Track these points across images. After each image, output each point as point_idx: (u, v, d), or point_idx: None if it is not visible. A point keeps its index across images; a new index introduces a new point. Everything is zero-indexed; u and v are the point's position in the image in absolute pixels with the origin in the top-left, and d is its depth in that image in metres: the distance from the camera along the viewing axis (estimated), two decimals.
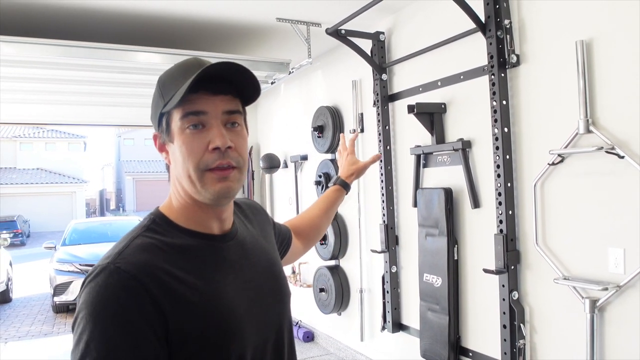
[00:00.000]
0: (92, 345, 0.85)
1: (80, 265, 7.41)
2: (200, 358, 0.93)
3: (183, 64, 1.03)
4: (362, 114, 4.18)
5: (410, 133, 3.56)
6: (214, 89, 0.98)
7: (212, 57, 3.56)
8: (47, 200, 25.99)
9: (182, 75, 0.98)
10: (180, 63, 1.04)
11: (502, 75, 2.73)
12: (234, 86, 1.01)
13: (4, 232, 13.27)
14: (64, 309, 7.67)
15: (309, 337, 5.25)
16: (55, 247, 8.47)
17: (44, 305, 8.35)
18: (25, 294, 9.33)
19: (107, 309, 0.87)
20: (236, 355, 0.97)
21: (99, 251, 7.72)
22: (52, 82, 3.82)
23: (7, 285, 8.62)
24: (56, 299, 7.36)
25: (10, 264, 9.27)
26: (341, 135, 1.96)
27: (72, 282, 7.28)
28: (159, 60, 3.57)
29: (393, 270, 3.76)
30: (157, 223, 1.02)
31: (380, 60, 3.76)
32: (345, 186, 1.71)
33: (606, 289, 2.25)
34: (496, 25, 2.71)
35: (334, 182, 1.72)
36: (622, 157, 2.19)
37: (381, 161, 3.76)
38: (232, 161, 0.99)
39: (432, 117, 3.23)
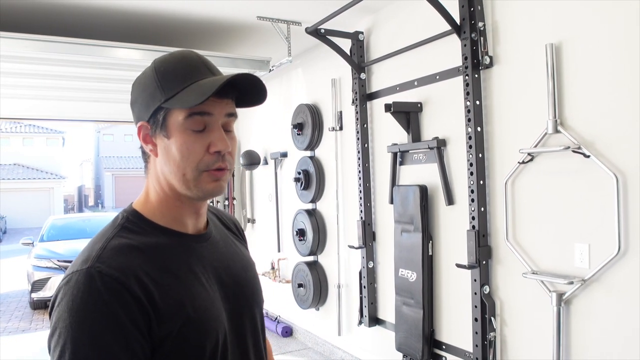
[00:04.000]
0: (82, 351, 0.85)
1: (58, 261, 7.34)
2: (178, 355, 0.95)
3: (183, 58, 1.02)
4: (341, 112, 4.24)
5: (388, 131, 3.63)
6: (220, 92, 0.97)
7: None
8: (24, 196, 25.62)
9: (186, 73, 0.99)
10: (179, 56, 1.03)
11: (476, 76, 2.81)
12: (236, 89, 1.02)
13: None
14: (41, 306, 7.60)
15: (288, 332, 5.30)
16: (33, 243, 8.38)
17: (21, 301, 8.26)
18: (2, 290, 9.22)
19: (95, 313, 0.87)
20: (209, 351, 0.99)
21: (78, 247, 7.65)
22: (31, 77, 3.80)
23: None
24: (34, 295, 7.29)
25: None
26: None
27: (50, 278, 7.21)
28: (139, 57, 3.58)
29: (370, 266, 3.84)
30: (131, 221, 1.02)
31: (359, 59, 3.82)
32: None
33: (572, 282, 2.35)
34: (470, 27, 2.79)
35: None
36: (588, 157, 2.29)
37: (359, 159, 3.83)
38: (227, 164, 1.02)
39: (408, 116, 3.30)
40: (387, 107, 3.23)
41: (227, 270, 1.11)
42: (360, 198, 3.85)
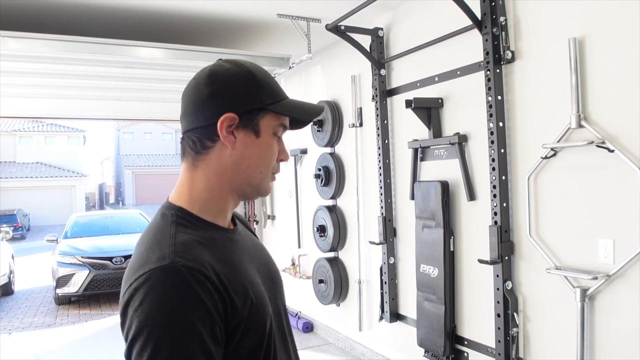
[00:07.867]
0: (179, 344, 0.87)
1: (82, 257, 7.48)
2: (247, 338, 1.00)
3: (267, 71, 1.13)
4: (361, 109, 4.25)
5: (408, 127, 3.62)
6: None
7: (213, 53, 3.65)
8: (46, 194, 26.01)
9: (279, 87, 1.12)
10: (262, 68, 1.12)
11: (498, 71, 2.80)
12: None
13: (4, 225, 13.28)
14: (66, 301, 7.75)
15: (309, 327, 5.33)
16: (57, 240, 8.53)
17: (46, 297, 8.41)
18: (27, 286, 9.40)
19: (187, 306, 0.89)
20: (267, 335, 1.04)
21: (101, 244, 7.81)
22: (54, 77, 3.87)
23: (9, 277, 8.69)
24: (58, 290, 7.43)
25: (12, 257, 9.34)
26: None
27: (74, 274, 7.35)
28: (161, 55, 3.62)
29: (391, 262, 3.84)
30: (182, 217, 1.04)
31: (379, 55, 3.82)
32: None
33: (596, 278, 2.33)
34: (492, 22, 2.78)
35: None
36: (612, 151, 2.27)
37: (379, 155, 3.84)
38: None
39: (429, 111, 3.30)
40: (408, 103, 3.23)
41: (260, 261, 1.18)
42: (381, 194, 3.86)
